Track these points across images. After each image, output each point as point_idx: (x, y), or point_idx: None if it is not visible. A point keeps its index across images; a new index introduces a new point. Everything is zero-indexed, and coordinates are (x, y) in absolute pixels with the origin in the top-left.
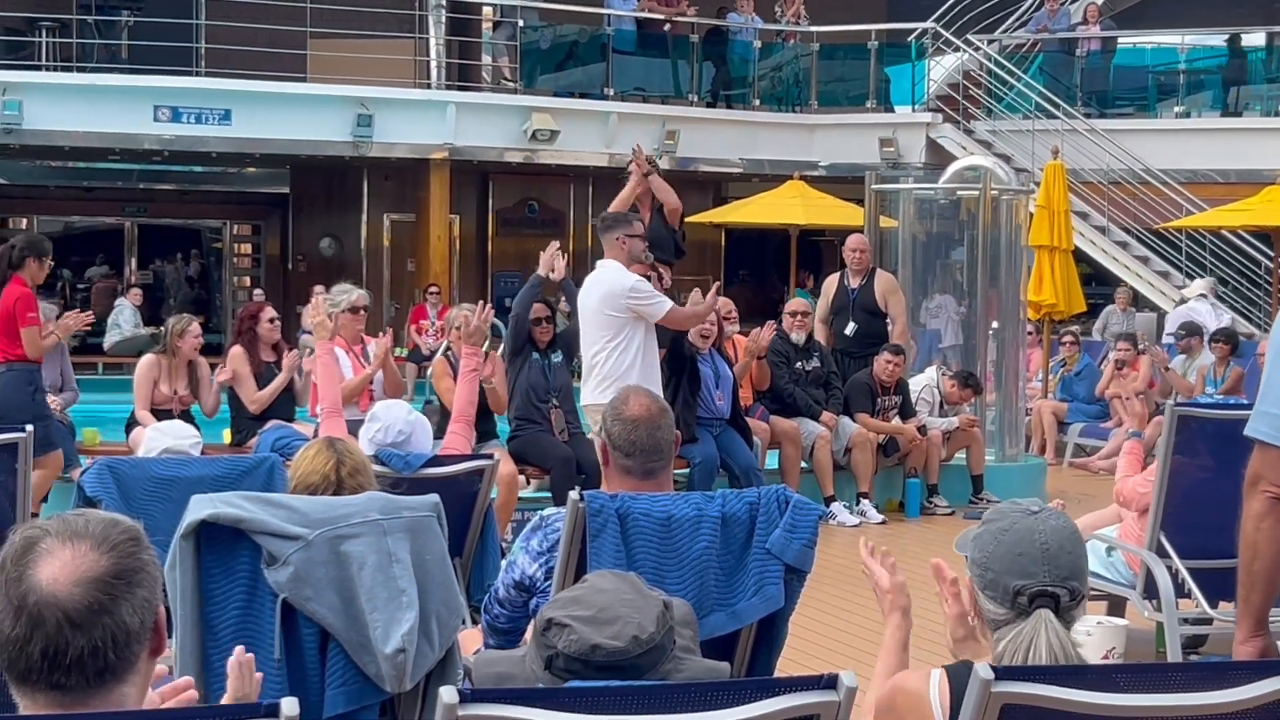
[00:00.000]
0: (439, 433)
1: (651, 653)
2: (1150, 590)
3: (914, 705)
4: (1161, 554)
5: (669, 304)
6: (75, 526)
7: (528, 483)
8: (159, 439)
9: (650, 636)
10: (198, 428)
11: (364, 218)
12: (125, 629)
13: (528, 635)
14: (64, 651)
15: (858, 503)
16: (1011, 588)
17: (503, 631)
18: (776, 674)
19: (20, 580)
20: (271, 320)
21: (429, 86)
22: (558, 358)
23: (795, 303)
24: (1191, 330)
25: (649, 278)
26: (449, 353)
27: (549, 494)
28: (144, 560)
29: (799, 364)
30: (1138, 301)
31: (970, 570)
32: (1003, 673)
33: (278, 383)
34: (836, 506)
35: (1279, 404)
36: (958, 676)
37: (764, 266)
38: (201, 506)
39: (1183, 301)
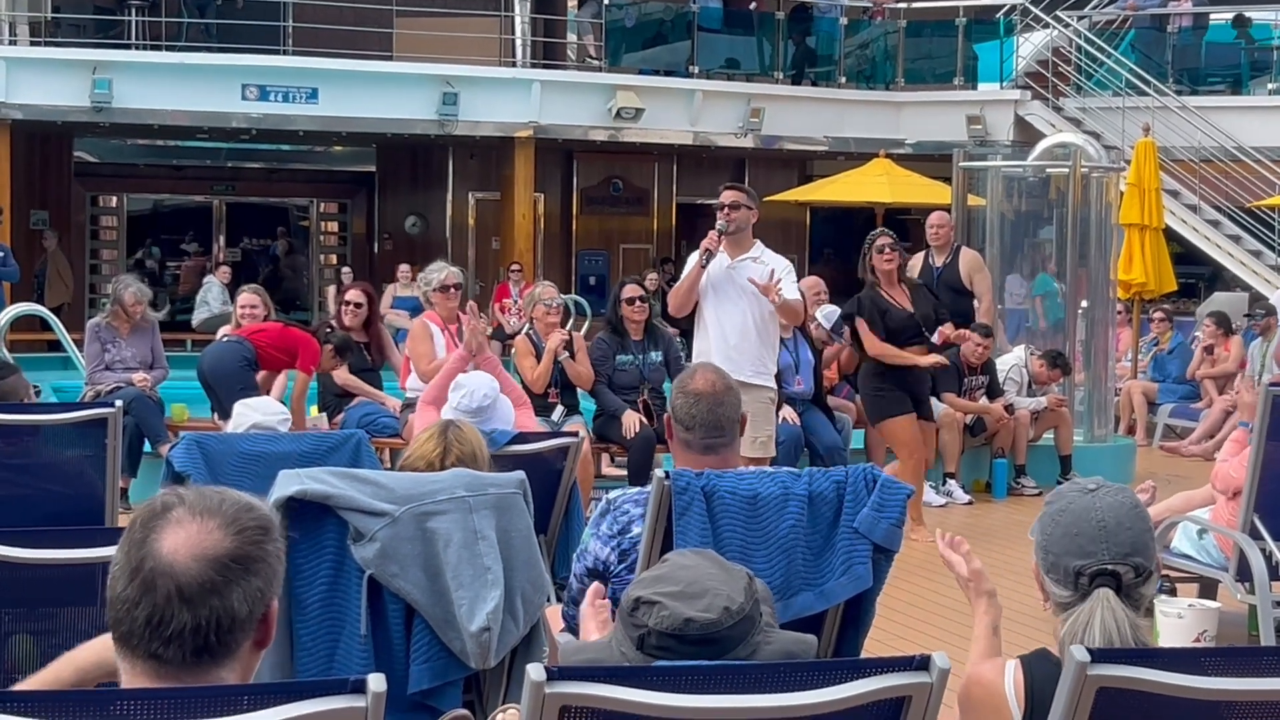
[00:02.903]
0: None
1: (742, 623)
2: (1243, 572)
3: (988, 697)
4: (1255, 536)
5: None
6: (210, 502)
7: (611, 461)
8: (248, 414)
9: (740, 607)
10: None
11: (449, 196)
12: (232, 614)
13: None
14: (168, 622)
15: (944, 483)
16: (1072, 568)
17: None
18: (863, 655)
19: (144, 543)
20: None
21: (514, 65)
22: (657, 357)
23: None
24: (1270, 310)
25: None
26: (531, 332)
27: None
28: (267, 550)
29: None
30: (1228, 280)
31: (1035, 554)
32: (1099, 655)
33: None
34: (924, 486)
35: None
36: (1033, 665)
37: (850, 246)
38: (289, 482)
39: None
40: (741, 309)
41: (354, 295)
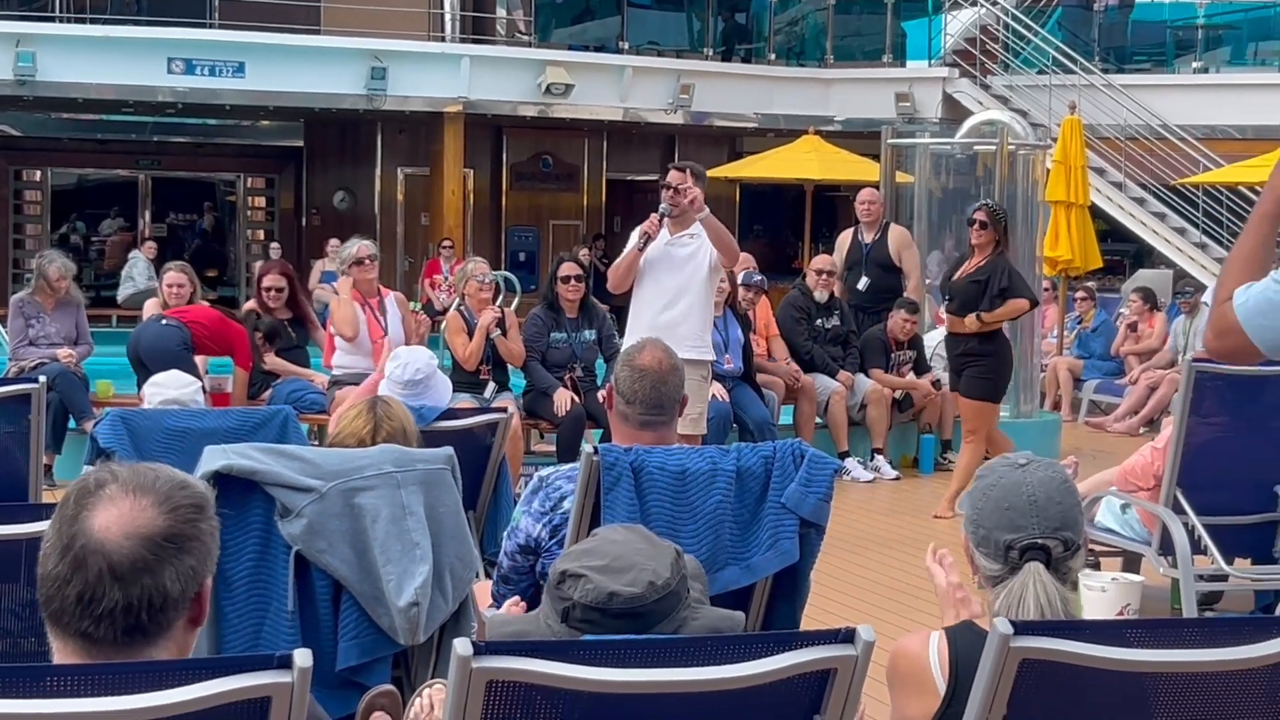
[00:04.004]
0: None
1: (668, 598)
2: (1166, 547)
3: (913, 669)
4: (1178, 510)
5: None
6: (144, 479)
7: (541, 437)
8: (161, 391)
9: (666, 582)
10: None
11: (378, 171)
12: (164, 593)
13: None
14: (99, 601)
15: (872, 458)
16: (1002, 542)
17: None
18: (792, 630)
19: (75, 520)
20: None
21: (443, 39)
22: (590, 335)
23: (820, 260)
24: (1198, 289)
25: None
26: (462, 308)
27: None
28: (201, 529)
29: (819, 321)
30: (1152, 257)
31: (965, 528)
32: (1022, 628)
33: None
34: (851, 462)
35: None
36: (957, 637)
37: (779, 222)
38: (215, 458)
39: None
40: (679, 285)
41: (271, 281)
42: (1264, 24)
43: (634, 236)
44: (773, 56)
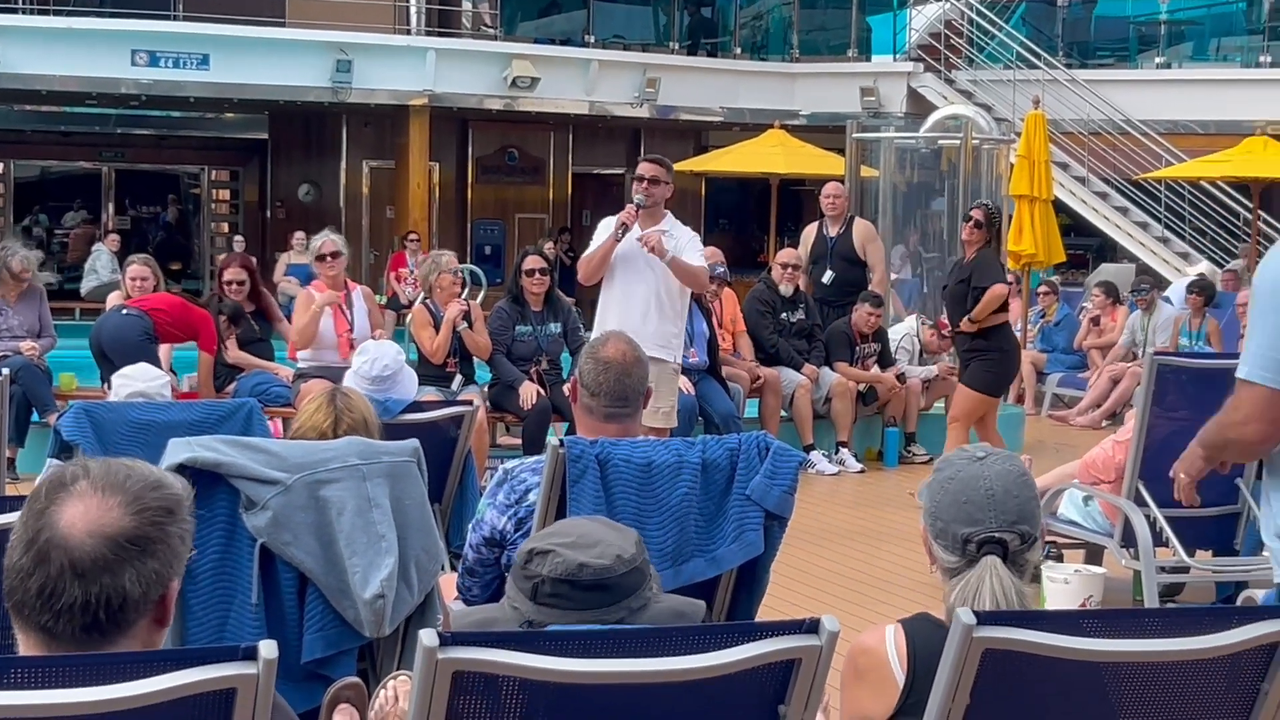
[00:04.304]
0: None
1: (634, 573)
2: (1128, 539)
3: (872, 663)
4: (1139, 503)
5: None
6: (116, 477)
7: (507, 430)
8: (128, 383)
9: (632, 557)
10: None
11: (343, 164)
12: (123, 594)
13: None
14: (59, 595)
15: (837, 451)
16: (960, 535)
17: (477, 602)
18: (758, 620)
19: (43, 514)
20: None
21: (409, 32)
22: (555, 328)
23: (785, 254)
24: (1153, 284)
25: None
26: (428, 301)
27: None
28: (169, 532)
29: (784, 315)
30: (1115, 252)
31: (924, 520)
32: (985, 618)
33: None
34: (816, 455)
35: (1272, 347)
36: (913, 628)
37: (744, 216)
38: (179, 450)
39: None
40: (649, 282)
41: (232, 274)
42: (1226, 20)
43: (601, 229)
44: (738, 51)
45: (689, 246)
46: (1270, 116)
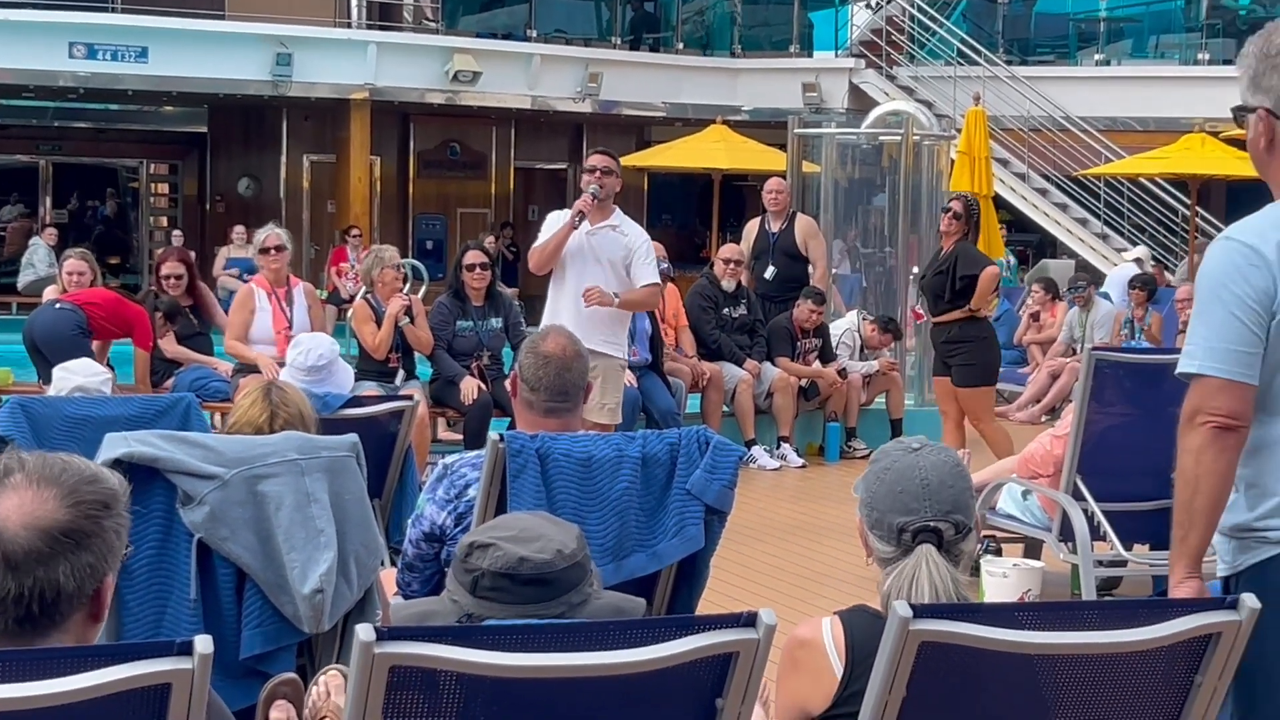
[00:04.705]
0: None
1: (575, 568)
2: (1066, 533)
3: (810, 655)
4: (1077, 497)
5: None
6: (51, 471)
7: (449, 425)
8: (69, 378)
9: (573, 552)
10: None
11: (283, 158)
12: (56, 587)
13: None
14: None
15: (778, 446)
16: (895, 525)
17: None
18: (698, 614)
19: None
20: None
21: (349, 26)
22: (497, 323)
23: (728, 249)
24: (1090, 281)
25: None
26: (370, 296)
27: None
28: (104, 526)
29: (726, 310)
30: (1055, 247)
31: (859, 510)
32: (921, 611)
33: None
34: (757, 450)
35: (1221, 338)
36: (851, 620)
37: (687, 211)
38: (115, 445)
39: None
40: (597, 277)
41: (169, 269)
42: (1165, 17)
43: (549, 223)
44: (681, 46)
45: (643, 253)
46: (1208, 114)
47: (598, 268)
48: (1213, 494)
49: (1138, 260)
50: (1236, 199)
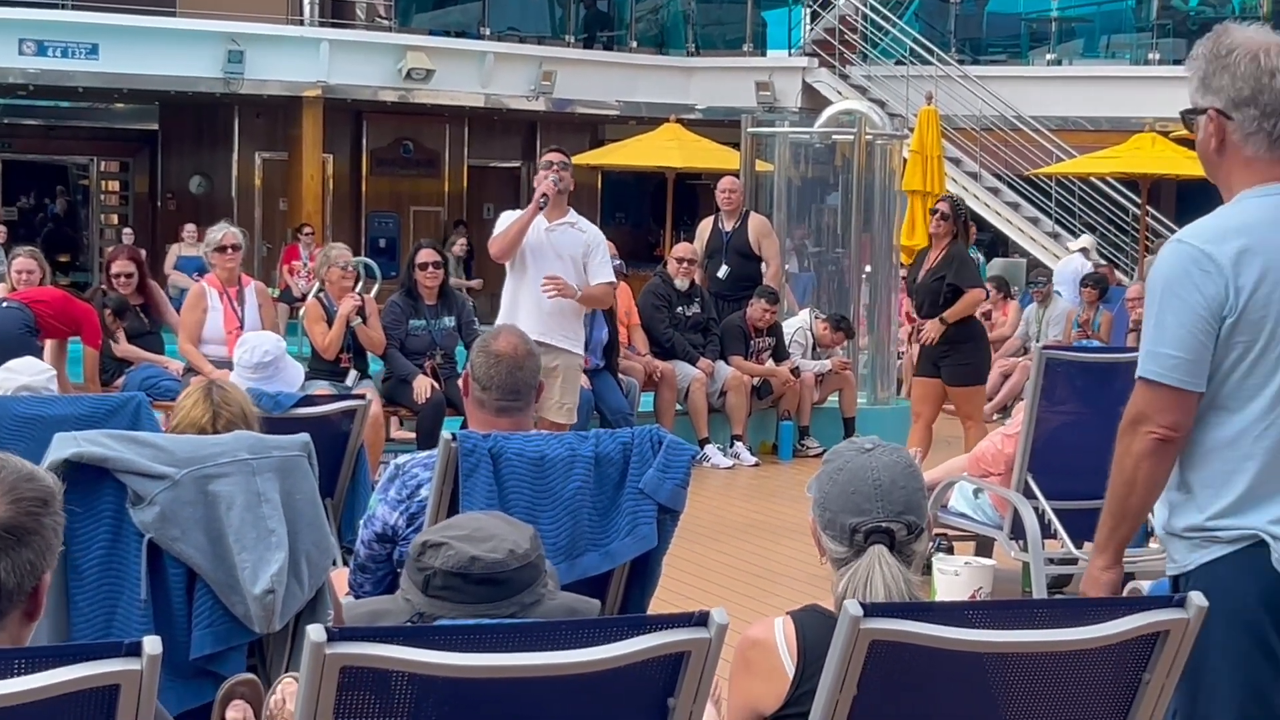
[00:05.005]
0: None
1: (528, 568)
2: (1017, 531)
3: (762, 655)
4: (1028, 495)
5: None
6: None
7: (401, 424)
8: (13, 378)
9: (526, 553)
10: None
11: (235, 156)
12: None
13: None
14: None
15: (732, 445)
16: (848, 525)
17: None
18: (650, 613)
19: None
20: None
21: (302, 23)
22: (450, 322)
23: (681, 248)
24: (1049, 278)
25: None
26: (321, 294)
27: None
28: (44, 524)
29: (679, 309)
30: (1007, 246)
31: (812, 510)
32: (871, 610)
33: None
34: (711, 449)
35: (1172, 345)
36: (803, 619)
37: (640, 210)
38: (65, 445)
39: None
40: (557, 272)
41: (120, 267)
42: (1116, 17)
43: (502, 221)
44: (635, 44)
45: (600, 252)
46: (1159, 113)
47: (559, 263)
48: (1148, 497)
49: (1084, 250)
50: (1186, 199)
